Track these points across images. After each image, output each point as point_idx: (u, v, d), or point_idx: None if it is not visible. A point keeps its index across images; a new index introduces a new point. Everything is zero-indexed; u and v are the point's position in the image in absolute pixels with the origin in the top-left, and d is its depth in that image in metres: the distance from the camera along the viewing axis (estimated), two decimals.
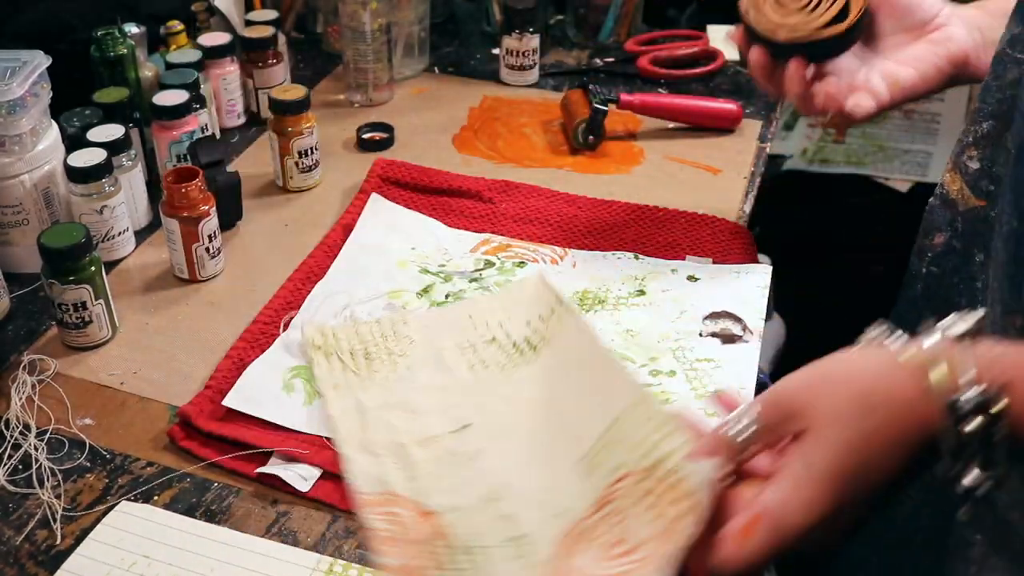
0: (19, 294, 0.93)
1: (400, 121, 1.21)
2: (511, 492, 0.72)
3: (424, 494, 0.72)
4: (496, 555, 0.67)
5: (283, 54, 1.22)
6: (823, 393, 0.56)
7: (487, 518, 0.70)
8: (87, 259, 0.84)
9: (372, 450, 0.76)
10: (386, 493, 0.72)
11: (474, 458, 0.75)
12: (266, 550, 0.70)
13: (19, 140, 0.90)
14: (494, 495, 0.72)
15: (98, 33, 1.06)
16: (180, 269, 0.95)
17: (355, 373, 0.82)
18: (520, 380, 0.82)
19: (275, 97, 1.06)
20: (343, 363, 0.83)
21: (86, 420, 0.80)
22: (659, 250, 0.98)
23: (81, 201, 0.93)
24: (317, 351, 0.84)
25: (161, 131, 1.04)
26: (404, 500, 0.72)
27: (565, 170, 1.13)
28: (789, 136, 1.88)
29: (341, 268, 0.95)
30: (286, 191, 1.09)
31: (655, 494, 0.59)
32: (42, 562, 0.69)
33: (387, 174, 1.08)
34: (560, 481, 0.69)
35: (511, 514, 0.70)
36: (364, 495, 0.72)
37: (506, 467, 0.74)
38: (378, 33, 1.21)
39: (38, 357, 0.85)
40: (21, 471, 0.76)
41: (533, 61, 1.30)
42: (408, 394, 0.81)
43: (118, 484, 0.75)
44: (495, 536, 0.68)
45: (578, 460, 0.69)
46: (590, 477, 0.67)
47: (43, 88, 0.93)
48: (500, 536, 0.68)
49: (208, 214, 0.93)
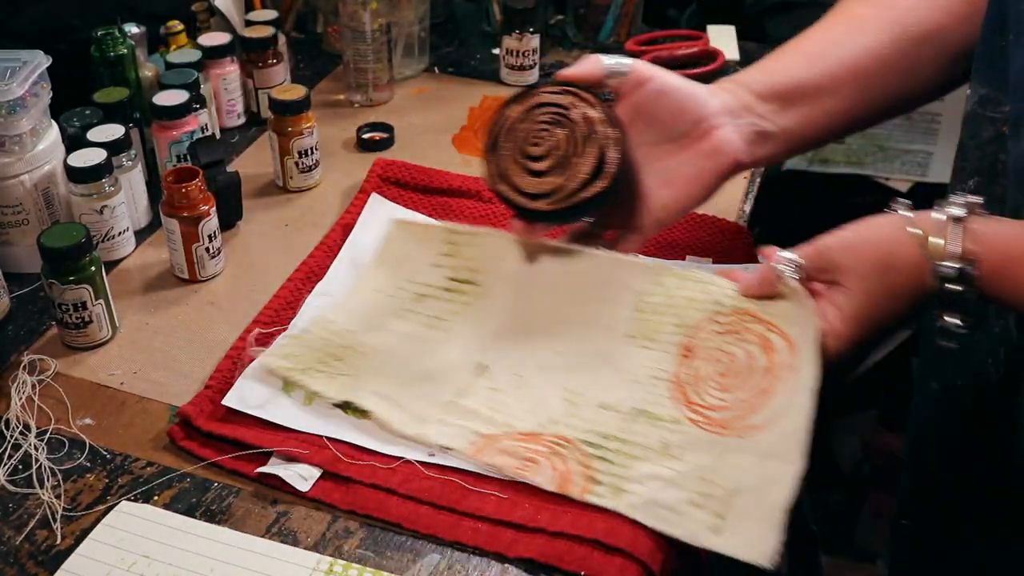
0: (19, 294, 0.93)
1: (400, 121, 1.21)
2: (583, 390, 0.79)
3: (514, 424, 0.77)
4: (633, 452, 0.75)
5: (283, 54, 1.22)
6: (854, 252, 0.72)
7: (585, 420, 0.77)
8: (87, 259, 0.84)
9: (440, 419, 0.78)
10: (485, 437, 0.76)
11: (519, 386, 0.80)
12: (266, 550, 0.70)
13: (19, 140, 0.90)
14: (571, 397, 0.78)
15: (98, 33, 1.06)
16: (180, 269, 0.95)
17: (346, 376, 0.82)
18: (487, 313, 0.85)
19: (275, 97, 1.06)
20: (326, 372, 0.82)
21: (86, 420, 0.81)
22: (659, 250, 0.98)
23: (81, 201, 0.93)
24: (300, 373, 0.82)
25: (161, 131, 1.04)
26: (502, 436, 0.76)
27: None
28: None
29: (340, 269, 0.95)
30: (286, 191, 1.09)
31: (738, 331, 0.77)
32: (42, 562, 0.69)
33: (387, 174, 1.08)
34: (620, 362, 0.79)
35: (605, 404, 0.78)
36: (467, 451, 0.75)
37: (554, 378, 0.80)
38: (378, 33, 1.21)
39: (38, 357, 0.85)
40: (21, 471, 0.76)
41: (533, 61, 1.30)
42: (407, 369, 0.82)
43: (118, 484, 0.75)
44: (593, 432, 0.76)
45: (624, 338, 0.80)
46: (654, 343, 0.79)
47: (43, 88, 0.93)
48: (597, 432, 0.76)
49: (208, 214, 0.93)
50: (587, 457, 0.74)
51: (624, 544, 0.68)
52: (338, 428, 0.78)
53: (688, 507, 0.70)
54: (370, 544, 0.71)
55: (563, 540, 0.70)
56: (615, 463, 0.74)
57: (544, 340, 0.83)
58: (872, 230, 0.72)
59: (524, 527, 0.71)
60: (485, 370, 0.82)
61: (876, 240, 0.72)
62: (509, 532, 0.71)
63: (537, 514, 0.71)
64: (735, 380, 0.76)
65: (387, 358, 0.83)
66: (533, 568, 0.69)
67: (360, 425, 0.78)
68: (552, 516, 0.71)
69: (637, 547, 0.68)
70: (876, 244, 0.71)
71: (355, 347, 0.84)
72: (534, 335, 0.84)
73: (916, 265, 0.69)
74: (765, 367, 0.75)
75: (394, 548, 0.71)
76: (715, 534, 0.69)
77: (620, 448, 0.75)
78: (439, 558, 0.70)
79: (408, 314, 0.87)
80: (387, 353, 0.84)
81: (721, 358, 0.77)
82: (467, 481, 0.74)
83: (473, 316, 0.86)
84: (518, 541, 0.70)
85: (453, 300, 0.87)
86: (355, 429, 0.78)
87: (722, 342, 0.77)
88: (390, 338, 0.85)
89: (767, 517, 0.68)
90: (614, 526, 0.70)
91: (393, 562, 0.69)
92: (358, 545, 0.71)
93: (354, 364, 0.82)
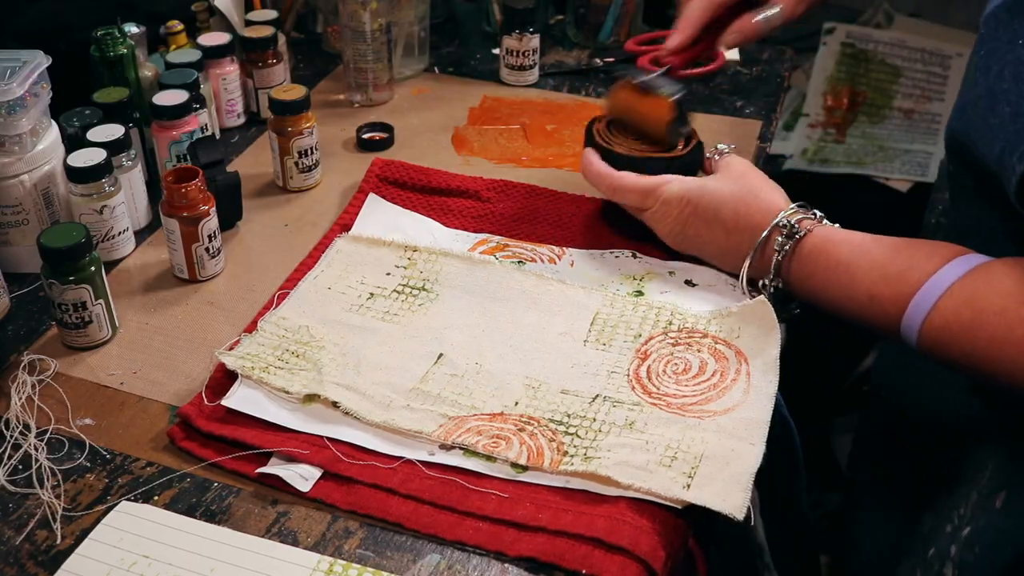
0: (19, 294, 0.93)
1: (400, 121, 1.21)
2: (543, 379, 0.82)
3: (479, 406, 0.79)
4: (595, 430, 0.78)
5: (283, 54, 1.22)
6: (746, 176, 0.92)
7: (549, 403, 0.80)
8: (87, 259, 0.84)
9: (405, 404, 0.79)
10: (452, 420, 0.78)
11: (479, 372, 0.83)
12: (266, 550, 0.70)
13: (19, 140, 0.90)
14: (532, 384, 0.82)
15: (98, 33, 1.06)
16: (180, 269, 0.95)
17: (306, 370, 0.82)
18: (441, 314, 0.89)
19: (275, 97, 1.06)
20: (286, 368, 0.83)
21: (86, 420, 0.81)
22: (658, 250, 0.98)
23: (81, 201, 0.93)
24: (260, 371, 0.82)
25: (161, 131, 1.04)
26: (469, 418, 0.78)
27: (565, 170, 1.13)
28: (789, 136, 1.88)
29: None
30: (286, 191, 1.09)
31: (688, 343, 0.85)
32: (42, 562, 0.69)
33: (385, 174, 1.08)
34: (577, 358, 0.84)
35: (566, 391, 0.81)
36: (436, 435, 0.77)
37: (512, 367, 0.83)
38: (378, 33, 1.21)
39: (38, 357, 0.85)
40: (21, 471, 0.76)
41: (533, 61, 1.30)
42: (366, 359, 0.84)
43: (118, 484, 0.75)
44: (558, 412, 0.79)
45: (580, 343, 0.86)
46: (610, 349, 0.85)
47: (43, 88, 0.93)
48: (561, 412, 0.79)
49: (208, 214, 0.93)
50: (555, 433, 0.77)
51: (625, 543, 0.68)
52: (338, 428, 0.78)
53: (658, 467, 0.74)
54: (370, 544, 0.71)
55: (564, 539, 0.70)
56: (583, 437, 0.77)
57: (501, 338, 0.87)
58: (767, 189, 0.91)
59: (525, 526, 0.71)
60: (443, 358, 0.84)
61: (760, 187, 0.90)
62: (510, 531, 0.71)
63: (538, 513, 0.71)
64: (689, 378, 0.82)
65: (344, 349, 0.85)
66: (534, 567, 0.69)
67: (360, 425, 0.78)
68: (553, 515, 0.71)
69: (638, 545, 0.68)
70: (759, 185, 0.90)
71: (310, 342, 0.85)
72: (490, 333, 0.87)
73: (769, 210, 0.87)
74: (716, 370, 0.82)
75: (394, 548, 0.71)
76: (686, 490, 0.72)
77: (586, 425, 0.78)
78: (439, 558, 0.70)
79: (361, 309, 0.90)
80: (344, 344, 0.85)
81: (675, 362, 0.84)
82: (468, 481, 0.74)
83: (426, 314, 0.89)
84: (519, 540, 0.70)
85: (405, 301, 0.90)
86: (355, 429, 0.78)
87: (674, 350, 0.85)
88: (345, 330, 0.87)
89: (734, 480, 0.72)
90: (615, 525, 0.70)
91: (393, 562, 0.69)
92: (358, 545, 0.71)
93: (313, 359, 0.84)
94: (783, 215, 0.87)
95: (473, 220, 1.03)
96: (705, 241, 0.91)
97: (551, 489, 0.74)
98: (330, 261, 0.95)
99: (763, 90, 1.28)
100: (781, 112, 1.29)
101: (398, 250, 0.96)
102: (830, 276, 0.83)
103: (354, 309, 0.90)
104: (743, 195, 0.89)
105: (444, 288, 0.92)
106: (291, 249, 1.00)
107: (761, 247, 0.87)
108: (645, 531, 0.69)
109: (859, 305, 0.82)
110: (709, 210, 0.90)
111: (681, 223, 0.92)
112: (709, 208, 0.90)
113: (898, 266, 0.80)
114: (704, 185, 0.91)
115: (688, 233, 0.92)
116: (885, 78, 1.88)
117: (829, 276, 0.83)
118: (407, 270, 0.94)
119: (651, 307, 0.89)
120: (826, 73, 1.89)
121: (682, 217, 0.91)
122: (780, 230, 0.86)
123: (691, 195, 0.91)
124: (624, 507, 0.71)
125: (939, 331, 0.76)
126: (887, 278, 0.80)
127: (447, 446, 0.76)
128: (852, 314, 0.83)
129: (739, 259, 0.89)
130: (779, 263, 0.86)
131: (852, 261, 0.82)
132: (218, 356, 0.83)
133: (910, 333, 0.78)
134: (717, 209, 0.89)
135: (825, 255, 0.84)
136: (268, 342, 0.85)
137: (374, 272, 0.94)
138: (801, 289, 0.86)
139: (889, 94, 1.87)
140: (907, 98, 1.86)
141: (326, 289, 0.92)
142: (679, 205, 0.91)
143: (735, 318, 0.86)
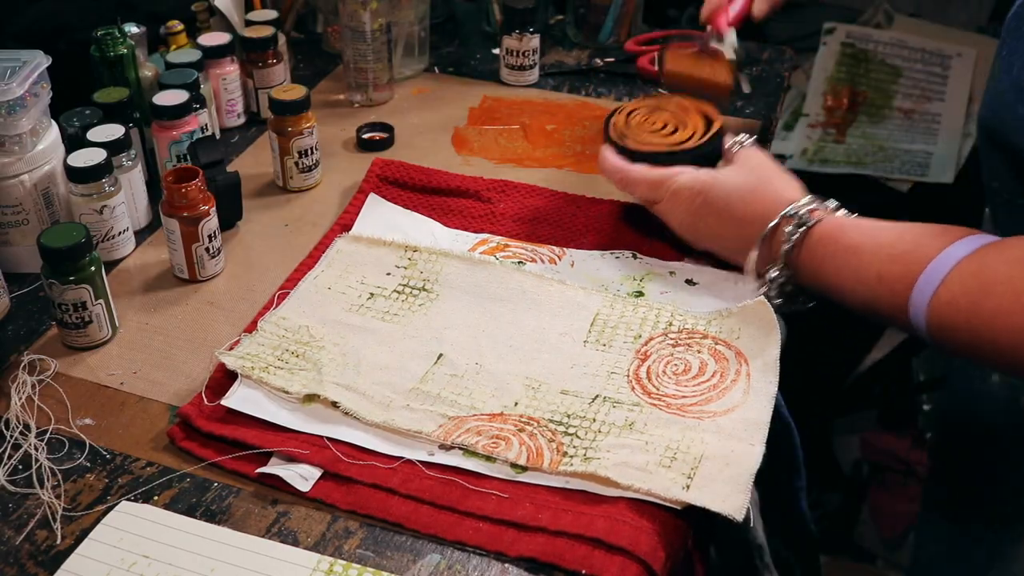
0: (19, 294, 0.93)
1: (400, 121, 1.21)
2: (543, 379, 0.82)
3: (478, 407, 0.79)
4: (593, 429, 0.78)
5: (283, 54, 1.22)
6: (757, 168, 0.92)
7: (549, 403, 0.80)
8: (87, 259, 0.84)
9: (405, 404, 0.79)
10: (452, 420, 0.78)
11: (479, 372, 0.83)
12: (266, 550, 0.70)
13: (19, 140, 0.90)
14: (532, 384, 0.82)
15: (98, 33, 1.06)
16: (180, 269, 0.95)
17: (306, 370, 0.83)
18: (441, 314, 0.89)
19: (275, 97, 1.06)
20: (285, 368, 0.83)
21: (86, 420, 0.81)
22: (658, 250, 0.98)
23: (81, 201, 0.93)
24: (260, 371, 0.82)
25: (161, 131, 1.04)
26: (469, 418, 0.79)
27: (565, 170, 1.13)
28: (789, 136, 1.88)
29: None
30: (286, 191, 1.09)
31: (688, 344, 0.85)
32: (42, 562, 0.69)
33: (385, 174, 1.08)
34: (577, 359, 0.84)
35: (565, 391, 0.81)
36: (435, 435, 0.77)
37: (512, 367, 0.83)
38: (378, 33, 1.21)
39: (38, 357, 0.85)
40: (21, 471, 0.76)
41: (533, 61, 1.30)
42: (365, 359, 0.84)
43: (118, 484, 0.75)
44: (558, 412, 0.79)
45: (580, 343, 0.86)
46: (610, 349, 0.85)
47: (43, 88, 0.93)
48: (561, 412, 0.79)
49: (208, 214, 0.93)
50: (555, 434, 0.77)
51: (625, 543, 0.68)
52: (338, 428, 0.78)
53: (657, 467, 0.74)
54: (370, 544, 0.71)
55: (564, 539, 0.70)
56: (582, 438, 0.77)
57: (500, 339, 0.87)
58: (780, 177, 0.91)
59: (525, 526, 0.71)
60: (443, 358, 0.84)
61: (771, 176, 0.90)
62: (510, 531, 0.71)
63: (538, 513, 0.71)
64: (689, 379, 0.82)
65: (344, 349, 0.85)
66: (534, 567, 0.69)
67: (360, 425, 0.78)
68: (553, 515, 0.71)
69: (638, 546, 0.68)
70: (769, 175, 0.90)
71: (310, 342, 0.85)
72: (490, 333, 0.87)
73: (780, 200, 0.87)
74: (716, 371, 0.82)
75: (394, 548, 0.71)
76: (685, 490, 0.72)
77: (586, 426, 0.78)
78: (439, 558, 0.70)
79: (361, 309, 0.90)
80: (343, 344, 0.85)
81: (674, 363, 0.84)
82: (467, 481, 0.74)
83: (426, 315, 0.89)
84: (519, 540, 0.70)
85: (405, 301, 0.91)
86: (355, 429, 0.78)
87: (674, 351, 0.85)
88: (345, 330, 0.87)
89: (734, 480, 0.72)
90: (615, 525, 0.70)
91: (393, 562, 0.69)
92: (358, 545, 0.71)
93: (313, 359, 0.84)
94: (794, 205, 0.86)
95: (473, 220, 1.03)
96: (716, 233, 0.91)
97: (551, 489, 0.74)
98: (330, 261, 0.95)
99: (763, 90, 1.28)
100: (781, 112, 1.29)
101: (398, 250, 0.96)
102: (839, 261, 0.82)
103: (354, 309, 0.90)
104: (754, 185, 0.89)
105: (444, 288, 0.92)
106: (291, 249, 1.00)
107: (769, 236, 0.86)
108: (645, 531, 0.69)
109: (868, 288, 0.80)
110: (720, 200, 0.90)
111: (692, 214, 0.91)
112: (720, 198, 0.90)
113: (906, 245, 0.79)
114: (715, 176, 0.91)
115: (699, 224, 0.92)
116: (885, 78, 1.88)
117: (838, 261, 0.82)
118: (407, 270, 0.94)
119: (651, 308, 0.89)
120: (826, 73, 1.89)
121: (693, 208, 0.91)
122: (790, 220, 0.85)
123: (702, 185, 0.90)
124: (624, 507, 0.71)
125: (946, 307, 0.74)
126: (895, 258, 0.79)
127: (447, 446, 0.77)
128: (861, 300, 0.82)
129: (751, 250, 0.89)
130: (788, 252, 0.85)
131: (861, 244, 0.81)
132: (218, 356, 0.83)
133: (918, 313, 0.76)
134: (728, 199, 0.89)
135: (834, 241, 0.83)
136: (268, 342, 0.85)
137: (374, 272, 0.94)
138: (811, 278, 0.85)
139: (889, 94, 1.87)
140: (907, 98, 1.86)
141: (326, 289, 0.92)
142: (689, 195, 0.91)
143: (735, 319, 0.86)
